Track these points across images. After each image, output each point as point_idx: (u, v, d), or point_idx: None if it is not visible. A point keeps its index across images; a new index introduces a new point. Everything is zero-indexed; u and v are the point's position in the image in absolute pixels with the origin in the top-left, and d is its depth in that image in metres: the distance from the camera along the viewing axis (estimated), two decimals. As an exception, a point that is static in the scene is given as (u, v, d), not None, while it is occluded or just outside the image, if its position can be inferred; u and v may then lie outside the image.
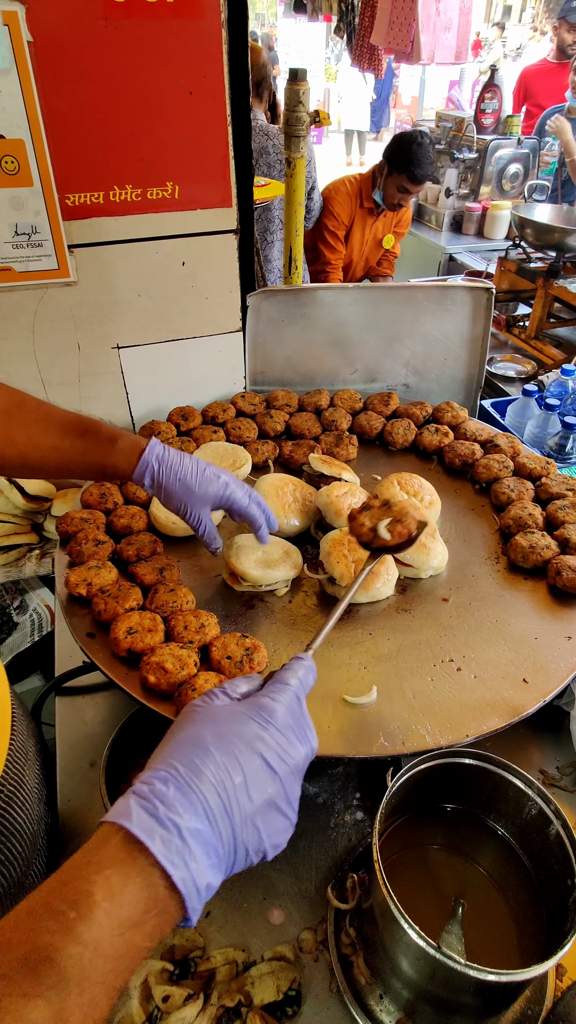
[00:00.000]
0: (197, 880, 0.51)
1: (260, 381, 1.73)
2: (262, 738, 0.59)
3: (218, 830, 0.54)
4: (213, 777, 0.55)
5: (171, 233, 1.42)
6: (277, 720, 0.61)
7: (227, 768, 0.56)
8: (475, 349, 1.74)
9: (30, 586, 1.70)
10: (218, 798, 0.54)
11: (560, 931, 0.72)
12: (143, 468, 1.00)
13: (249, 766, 0.57)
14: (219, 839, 0.54)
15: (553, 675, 1.00)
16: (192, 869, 0.51)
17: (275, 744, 0.60)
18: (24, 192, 1.28)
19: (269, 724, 0.61)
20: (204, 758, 0.56)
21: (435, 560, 1.19)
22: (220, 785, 0.55)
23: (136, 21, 1.19)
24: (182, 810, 0.52)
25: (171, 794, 0.53)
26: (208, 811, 0.53)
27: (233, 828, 0.55)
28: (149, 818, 0.51)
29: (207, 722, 0.60)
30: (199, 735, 0.58)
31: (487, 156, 3.86)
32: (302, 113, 1.54)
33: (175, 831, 0.51)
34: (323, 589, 1.17)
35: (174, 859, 0.50)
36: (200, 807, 0.53)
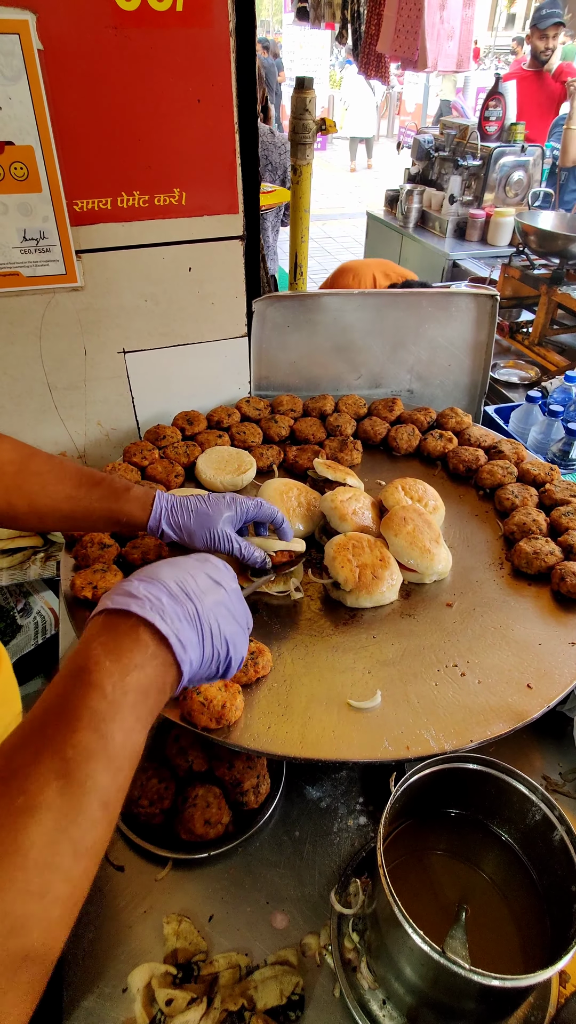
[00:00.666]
0: (177, 631, 0.63)
1: (265, 386, 1.74)
2: (202, 565, 0.74)
3: (184, 606, 0.66)
4: (171, 576, 0.68)
5: (178, 239, 1.43)
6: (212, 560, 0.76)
7: (181, 575, 0.69)
8: (479, 355, 1.75)
9: (34, 589, 1.70)
10: (177, 586, 0.67)
11: (564, 937, 0.72)
12: (157, 513, 1.05)
13: (198, 576, 0.71)
14: (186, 612, 0.66)
15: (557, 681, 1.00)
16: (171, 623, 0.63)
17: (213, 568, 0.74)
18: (33, 198, 1.29)
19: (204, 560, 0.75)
20: (157, 569, 0.69)
21: (439, 565, 1.19)
22: (177, 579, 0.68)
23: (145, 30, 1.20)
24: (151, 590, 0.64)
25: (138, 583, 0.65)
26: (171, 593, 0.66)
27: (197, 607, 0.67)
28: (122, 597, 0.62)
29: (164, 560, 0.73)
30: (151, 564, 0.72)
31: (491, 163, 3.87)
32: (308, 121, 1.55)
33: (146, 600, 0.62)
34: (327, 593, 1.18)
35: (151, 615, 0.61)
36: (164, 589, 0.65)
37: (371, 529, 1.25)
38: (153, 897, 0.94)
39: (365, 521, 1.26)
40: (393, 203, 4.57)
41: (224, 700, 0.90)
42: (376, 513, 1.30)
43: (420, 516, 1.23)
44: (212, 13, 1.22)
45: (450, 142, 4.06)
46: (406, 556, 1.18)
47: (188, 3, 1.20)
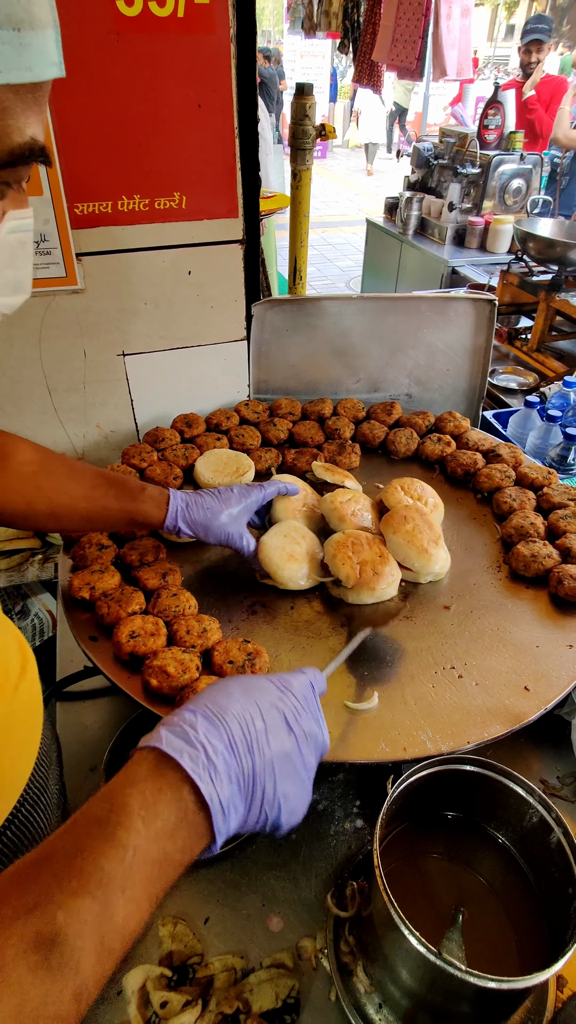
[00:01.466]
0: (221, 796, 0.56)
1: (264, 389, 1.75)
2: (282, 699, 0.66)
3: (240, 760, 0.59)
4: (238, 715, 0.61)
5: (178, 243, 1.44)
6: (294, 690, 0.68)
7: (250, 712, 0.62)
8: (477, 360, 1.76)
9: (32, 591, 1.70)
10: (241, 732, 0.60)
11: (561, 940, 0.72)
12: (174, 513, 1.07)
13: (269, 716, 0.63)
14: (240, 769, 0.58)
15: (554, 683, 1.00)
16: (217, 787, 0.55)
17: (292, 707, 0.65)
18: (34, 201, 1.30)
19: (287, 691, 0.67)
20: (229, 700, 0.62)
21: (436, 566, 1.20)
22: (243, 722, 0.60)
23: (147, 36, 1.21)
24: (208, 735, 0.58)
25: (199, 723, 0.58)
26: (232, 741, 0.59)
27: (253, 763, 0.59)
28: (178, 740, 0.57)
29: (233, 680, 0.67)
30: (225, 685, 0.65)
31: (490, 171, 3.90)
32: (308, 127, 1.56)
33: (202, 750, 0.56)
34: (328, 592, 1.18)
35: (200, 773, 0.55)
36: (225, 735, 0.59)
37: (371, 531, 1.26)
38: (148, 899, 0.93)
39: (364, 522, 1.26)
40: (393, 210, 4.60)
41: (221, 701, 0.90)
42: (376, 514, 1.30)
43: (421, 516, 1.23)
44: (213, 19, 1.23)
45: (449, 150, 4.09)
46: (403, 555, 1.18)
47: (189, 9, 1.21)
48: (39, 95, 0.54)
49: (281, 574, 1.14)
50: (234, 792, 0.58)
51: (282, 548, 1.16)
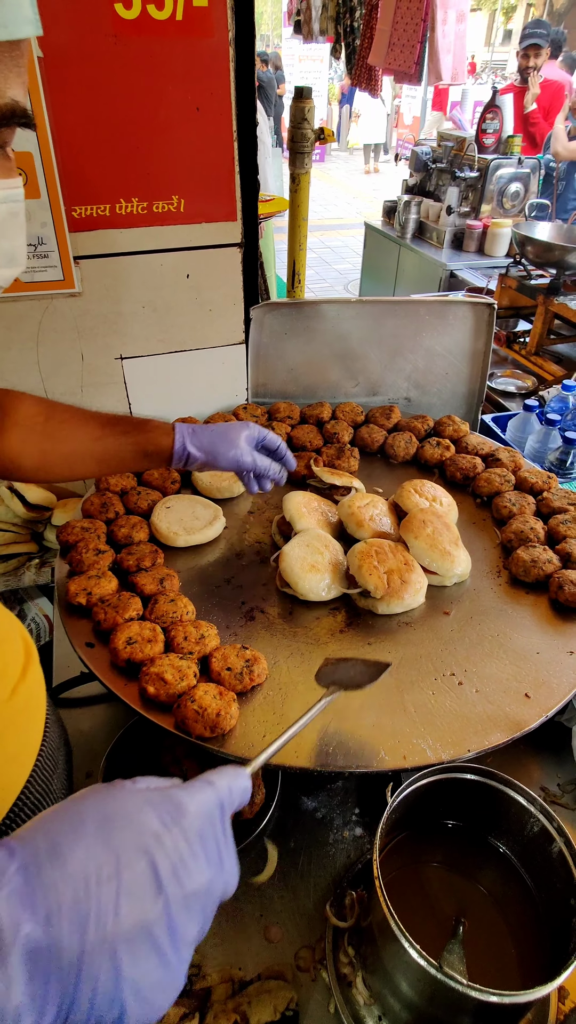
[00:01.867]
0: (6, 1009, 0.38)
1: (262, 393, 1.74)
2: (158, 837, 0.46)
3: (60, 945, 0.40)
4: (77, 869, 0.43)
5: (176, 246, 1.43)
6: (185, 821, 0.48)
7: (100, 862, 0.43)
8: (476, 364, 1.75)
9: (29, 596, 1.69)
10: (73, 899, 0.41)
11: (563, 952, 0.71)
12: (181, 437, 1.09)
13: (129, 868, 0.44)
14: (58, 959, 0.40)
15: (555, 690, 1.00)
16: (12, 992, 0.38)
17: (172, 850, 0.46)
18: (31, 204, 1.29)
19: (173, 825, 0.47)
20: (74, 841, 0.44)
21: (459, 568, 1.19)
22: (81, 883, 0.42)
23: (145, 38, 1.21)
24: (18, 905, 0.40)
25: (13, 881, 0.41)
26: (52, 915, 0.41)
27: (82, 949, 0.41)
28: None
29: (97, 798, 0.48)
30: (80, 811, 0.46)
31: (488, 175, 3.91)
32: (307, 130, 1.56)
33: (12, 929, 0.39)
34: (354, 604, 1.16)
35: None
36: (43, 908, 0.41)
37: (390, 535, 1.25)
38: (145, 910, 0.92)
39: (383, 527, 1.25)
40: (391, 214, 4.60)
41: (219, 709, 0.89)
42: (394, 518, 1.29)
43: (439, 519, 1.23)
44: (212, 22, 1.23)
45: (447, 154, 4.10)
46: (427, 559, 1.18)
47: (188, 12, 1.21)
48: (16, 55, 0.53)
49: (301, 585, 1.13)
50: (36, 995, 0.39)
51: (303, 559, 1.15)
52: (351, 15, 4.55)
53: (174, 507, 1.33)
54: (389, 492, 1.43)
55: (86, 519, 1.28)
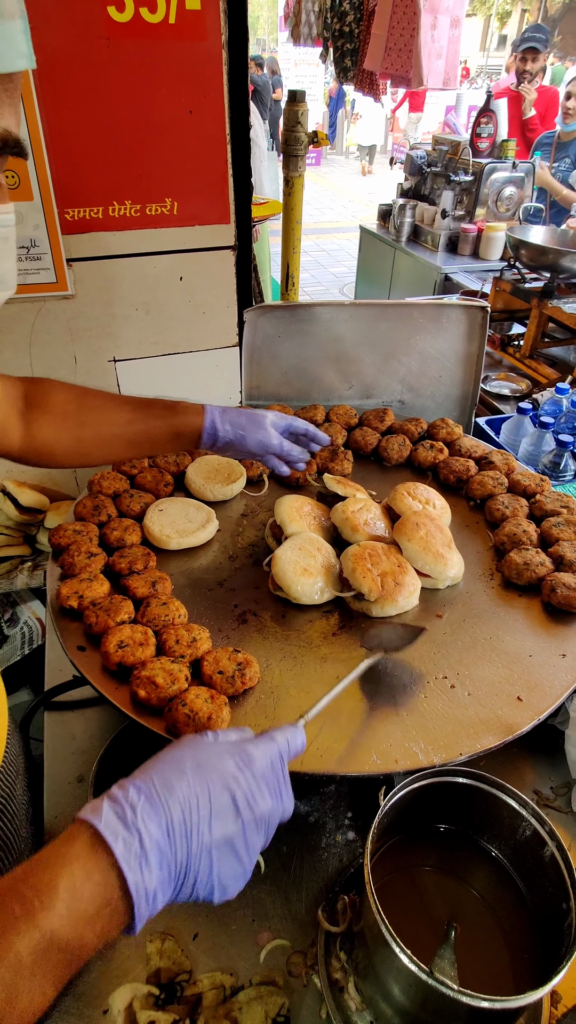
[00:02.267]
0: (148, 887, 0.54)
1: (256, 396, 1.74)
2: (236, 778, 0.62)
3: (175, 848, 0.57)
4: (182, 797, 0.58)
5: (169, 248, 1.44)
6: (254, 766, 0.64)
7: (197, 794, 0.59)
8: (470, 367, 1.76)
9: (21, 598, 1.69)
10: (182, 817, 0.57)
11: (555, 956, 0.71)
12: (211, 419, 1.13)
13: (217, 799, 0.60)
14: (174, 856, 0.57)
15: (548, 693, 0.99)
16: (145, 876, 0.54)
17: (246, 787, 0.62)
18: (24, 206, 1.29)
19: (245, 768, 0.64)
20: (179, 778, 0.59)
21: (452, 570, 1.19)
22: (187, 806, 0.58)
23: (138, 41, 1.21)
24: (147, 819, 0.56)
25: (141, 803, 0.57)
26: (171, 827, 0.57)
27: (189, 851, 0.58)
28: (117, 820, 0.55)
29: (191, 748, 0.64)
30: (180, 757, 0.62)
31: (483, 179, 3.92)
32: (301, 133, 1.56)
33: (137, 837, 0.55)
34: (347, 606, 1.16)
35: (131, 862, 0.54)
36: (164, 821, 0.57)
37: (384, 538, 1.25)
38: (136, 915, 0.91)
39: (378, 531, 1.25)
40: (386, 217, 4.62)
41: (210, 712, 0.89)
42: (388, 522, 1.29)
43: (432, 521, 1.23)
44: (205, 26, 1.23)
45: (442, 158, 4.11)
46: (420, 561, 1.18)
47: (181, 16, 1.21)
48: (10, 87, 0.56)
49: (294, 588, 1.13)
50: (163, 879, 0.56)
51: (296, 562, 1.15)
52: (340, 19, 4.57)
53: (167, 510, 1.33)
54: (383, 495, 1.43)
55: (78, 522, 1.28)
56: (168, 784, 0.59)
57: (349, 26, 4.77)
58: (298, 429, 1.26)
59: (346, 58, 4.83)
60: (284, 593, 1.15)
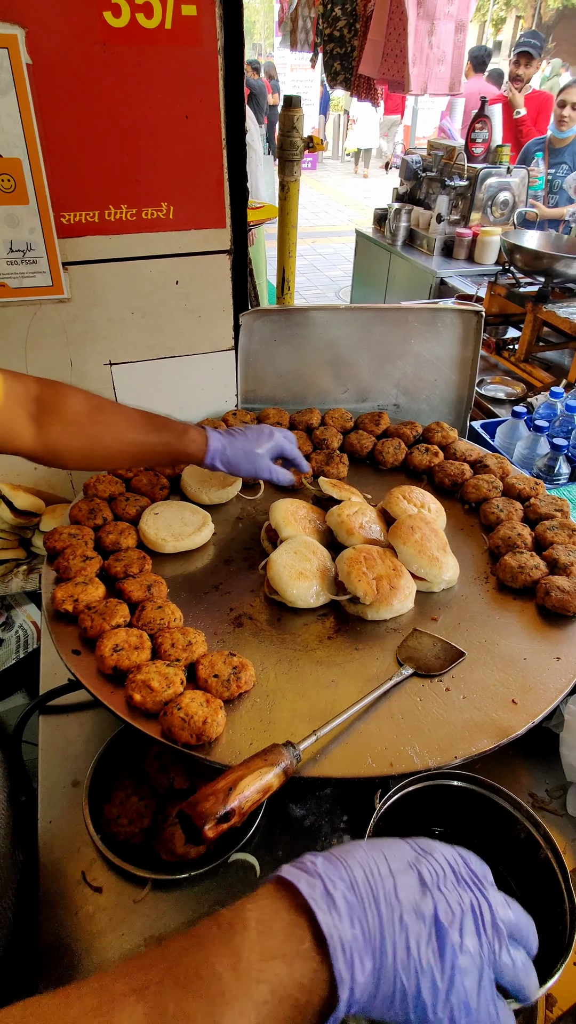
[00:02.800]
0: (342, 934, 0.49)
1: (252, 399, 1.74)
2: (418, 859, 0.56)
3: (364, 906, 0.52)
4: (361, 860, 0.54)
5: (165, 252, 1.44)
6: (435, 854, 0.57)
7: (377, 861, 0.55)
8: (465, 371, 1.76)
9: (16, 602, 1.68)
10: (364, 876, 0.53)
11: (550, 959, 0.71)
12: (212, 452, 1.22)
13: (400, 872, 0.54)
14: (364, 914, 0.51)
15: (542, 696, 1.00)
16: (335, 918, 0.50)
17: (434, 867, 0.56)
18: (20, 210, 1.29)
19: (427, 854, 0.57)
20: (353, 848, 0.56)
21: (447, 573, 1.19)
22: (367, 867, 0.54)
23: (134, 47, 1.21)
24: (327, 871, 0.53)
25: (319, 860, 0.54)
26: (354, 881, 0.53)
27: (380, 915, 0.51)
28: (297, 871, 0.53)
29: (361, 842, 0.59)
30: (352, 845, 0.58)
31: (478, 184, 3.94)
32: (296, 138, 1.57)
33: (319, 880, 0.52)
34: (343, 610, 1.16)
35: (317, 900, 0.50)
36: (346, 875, 0.53)
37: (380, 542, 1.25)
38: (132, 920, 0.91)
39: (373, 534, 1.25)
40: (381, 221, 4.63)
41: (205, 716, 0.89)
42: (383, 524, 1.29)
43: (427, 525, 1.23)
44: (200, 31, 1.24)
45: (437, 163, 4.13)
46: (415, 565, 1.18)
47: (177, 21, 1.21)
48: None
49: (289, 592, 1.13)
50: (357, 936, 0.50)
51: (291, 566, 1.15)
52: (331, 25, 4.60)
53: (162, 513, 1.33)
54: (378, 498, 1.44)
55: (74, 525, 1.28)
56: (344, 850, 0.56)
57: (340, 31, 4.80)
58: (287, 454, 1.34)
59: (335, 62, 4.85)
60: (280, 597, 1.15)
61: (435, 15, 3.87)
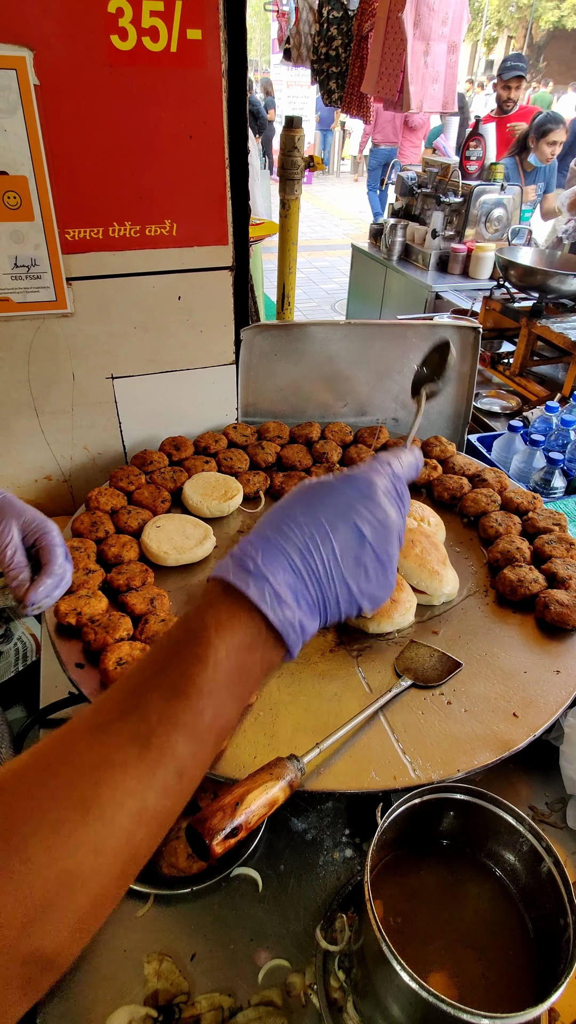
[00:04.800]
0: (291, 620, 0.58)
1: (252, 412, 1.76)
2: (352, 506, 0.63)
3: (304, 582, 0.60)
4: (298, 541, 0.60)
5: (168, 268, 1.46)
6: (376, 495, 0.65)
7: (313, 533, 0.61)
8: (462, 385, 1.79)
9: (16, 614, 1.68)
10: (302, 558, 0.60)
11: (553, 972, 0.71)
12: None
13: (338, 532, 0.62)
14: (308, 592, 0.60)
15: (543, 709, 1.01)
16: (285, 612, 0.58)
17: (369, 514, 0.63)
18: (25, 226, 1.31)
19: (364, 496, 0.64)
20: (290, 524, 0.62)
21: (447, 587, 1.20)
22: (304, 547, 0.60)
23: (140, 68, 1.23)
24: (272, 564, 0.59)
25: (260, 553, 0.60)
26: (294, 568, 0.60)
27: (321, 586, 0.61)
28: (242, 571, 0.59)
29: (300, 494, 0.66)
30: (290, 505, 0.64)
31: (472, 200, 4.00)
32: (297, 157, 1.60)
33: (265, 580, 0.58)
34: (344, 623, 1.17)
35: (267, 601, 0.57)
36: (287, 563, 0.59)
37: None
38: (133, 935, 0.91)
39: None
40: (377, 236, 4.69)
41: (210, 729, 0.89)
42: None
43: (427, 538, 1.24)
44: (205, 54, 1.26)
45: (432, 179, 4.19)
46: (415, 578, 1.19)
47: (182, 45, 1.24)
48: None
49: None
50: (304, 614, 0.60)
51: None
52: (328, 44, 4.69)
53: (164, 526, 1.34)
54: (378, 512, 1.45)
55: (76, 538, 1.28)
56: (281, 533, 0.61)
57: (336, 50, 4.88)
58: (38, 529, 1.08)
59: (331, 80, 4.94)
60: None
61: (430, 36, 3.95)
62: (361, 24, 4.83)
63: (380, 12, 4.34)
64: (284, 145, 1.59)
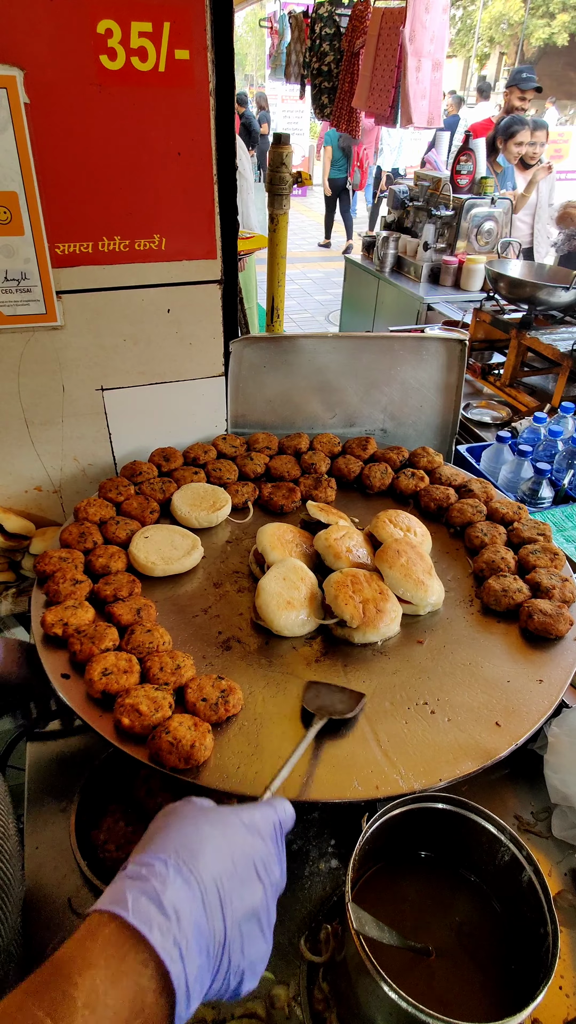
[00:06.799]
0: (190, 977, 0.47)
1: (241, 424, 1.77)
2: (254, 846, 0.58)
3: (212, 926, 0.50)
4: (213, 870, 0.52)
5: (157, 282, 1.47)
6: (263, 833, 0.62)
7: (223, 863, 0.54)
8: (450, 397, 1.80)
9: (5, 625, 1.68)
10: (215, 891, 0.51)
11: (533, 981, 0.72)
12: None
13: (241, 867, 0.55)
14: (212, 937, 0.50)
15: (525, 718, 1.01)
16: (187, 964, 0.47)
17: (264, 855, 0.59)
18: (15, 240, 1.32)
19: (257, 835, 0.60)
20: (202, 845, 0.54)
21: (432, 597, 1.21)
22: (219, 878, 0.52)
23: (129, 88, 1.26)
24: (180, 899, 0.48)
25: (170, 879, 0.49)
26: (206, 902, 0.50)
27: (226, 927, 0.51)
28: (148, 904, 0.47)
29: (201, 814, 0.59)
30: (195, 824, 0.56)
31: (463, 213, 4.05)
32: (285, 173, 1.62)
33: (175, 919, 0.47)
34: (330, 633, 1.18)
35: (171, 951, 0.46)
36: (199, 896, 0.50)
37: (367, 565, 1.27)
38: (117, 948, 0.91)
39: (361, 558, 1.27)
40: (370, 248, 4.74)
41: (193, 740, 0.90)
42: (370, 548, 1.31)
43: (413, 549, 1.25)
44: (193, 74, 1.29)
45: (424, 193, 4.25)
46: (401, 588, 1.20)
47: (170, 65, 1.26)
48: None
49: (277, 622, 1.14)
50: (203, 967, 0.49)
51: (280, 594, 1.16)
52: (320, 59, 4.76)
53: (152, 537, 1.34)
54: (365, 522, 1.46)
55: (64, 549, 1.29)
56: (193, 853, 0.52)
57: (328, 65, 4.95)
58: None
59: (323, 95, 5.00)
60: (266, 624, 1.16)
61: (421, 54, 4.03)
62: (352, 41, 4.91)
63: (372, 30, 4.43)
64: (272, 161, 1.61)
